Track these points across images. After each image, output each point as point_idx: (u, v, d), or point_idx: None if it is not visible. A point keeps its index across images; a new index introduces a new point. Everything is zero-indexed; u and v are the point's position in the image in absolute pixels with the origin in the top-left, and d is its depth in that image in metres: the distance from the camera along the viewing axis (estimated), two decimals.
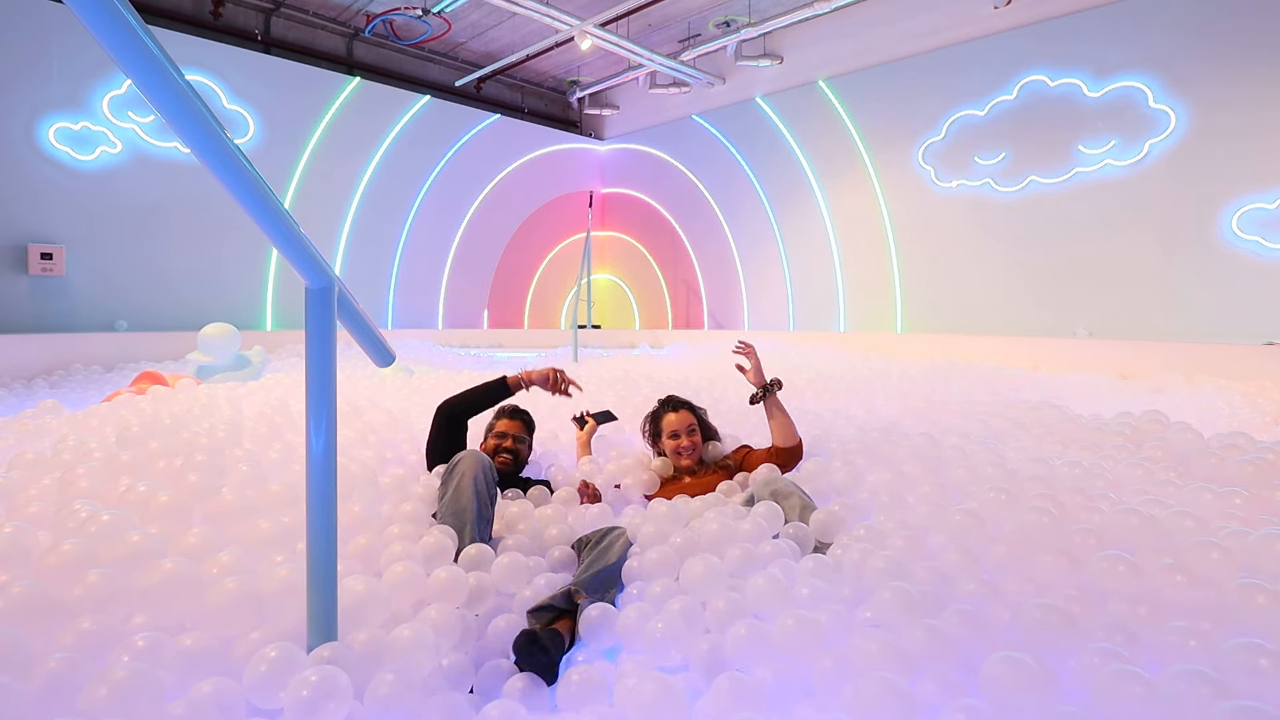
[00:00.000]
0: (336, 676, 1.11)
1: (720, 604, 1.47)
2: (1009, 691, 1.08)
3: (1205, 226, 6.47)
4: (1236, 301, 6.30)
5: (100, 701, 1.06)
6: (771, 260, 10.20)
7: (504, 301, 11.43)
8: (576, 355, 7.11)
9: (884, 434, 2.70)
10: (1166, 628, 1.25)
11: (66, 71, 7.07)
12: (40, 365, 6.10)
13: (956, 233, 8.18)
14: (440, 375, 4.61)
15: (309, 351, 1.14)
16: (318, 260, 1.10)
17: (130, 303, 7.53)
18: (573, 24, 8.31)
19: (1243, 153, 6.25)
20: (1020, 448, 2.58)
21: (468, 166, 10.61)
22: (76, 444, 2.29)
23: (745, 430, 3.17)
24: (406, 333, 9.42)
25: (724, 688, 1.17)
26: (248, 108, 8.32)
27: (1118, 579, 1.41)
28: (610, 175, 12.41)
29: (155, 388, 3.79)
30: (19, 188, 6.91)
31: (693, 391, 4.24)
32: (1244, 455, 2.19)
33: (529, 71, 11.20)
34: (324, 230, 9.11)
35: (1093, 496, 1.94)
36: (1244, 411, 3.96)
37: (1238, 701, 1.02)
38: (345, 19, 9.33)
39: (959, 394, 4.45)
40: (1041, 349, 6.93)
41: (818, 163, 9.49)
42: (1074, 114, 7.16)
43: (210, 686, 1.12)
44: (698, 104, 10.79)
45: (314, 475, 1.11)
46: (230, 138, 0.83)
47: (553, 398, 2.61)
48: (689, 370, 6.26)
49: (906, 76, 8.45)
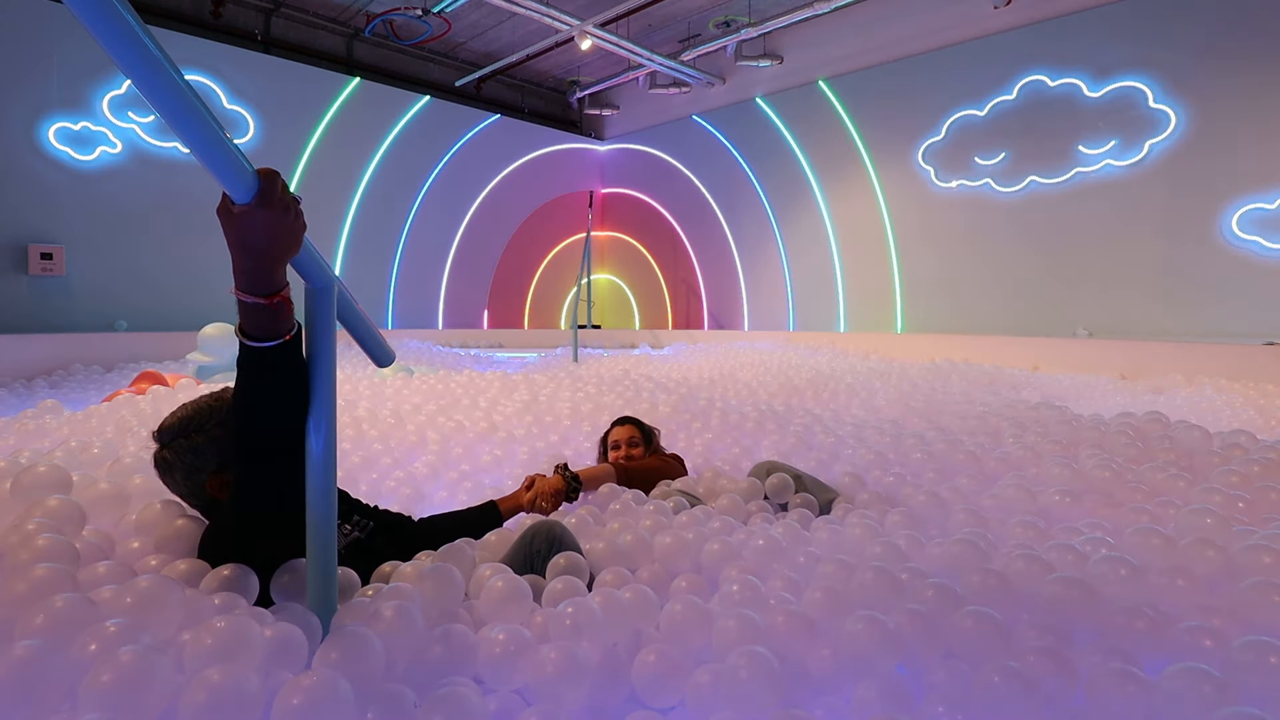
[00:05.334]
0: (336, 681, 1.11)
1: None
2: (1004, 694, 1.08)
3: (1205, 226, 6.47)
4: (1236, 301, 6.30)
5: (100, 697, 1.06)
6: (771, 260, 10.20)
7: (504, 301, 11.43)
8: (576, 355, 7.10)
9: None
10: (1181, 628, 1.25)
11: (66, 71, 7.07)
12: (40, 365, 6.10)
13: (956, 233, 8.18)
14: (440, 375, 4.61)
15: (309, 351, 1.14)
16: (317, 260, 1.10)
17: (130, 303, 7.54)
18: (573, 24, 8.31)
19: (1243, 153, 6.25)
20: (1023, 446, 2.58)
21: (468, 166, 10.61)
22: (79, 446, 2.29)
23: (743, 432, 3.17)
24: (406, 333, 9.42)
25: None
26: (248, 108, 8.33)
27: (1118, 582, 1.41)
28: (610, 175, 12.41)
29: (155, 388, 3.79)
30: (19, 188, 6.91)
31: (692, 391, 4.24)
32: (1247, 455, 2.19)
33: (529, 71, 11.20)
34: (324, 230, 9.11)
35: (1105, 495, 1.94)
36: (1246, 412, 3.95)
37: (1236, 707, 1.02)
38: (345, 19, 9.33)
39: (959, 394, 4.45)
40: (1041, 349, 6.94)
41: (818, 163, 9.49)
42: (1074, 114, 7.16)
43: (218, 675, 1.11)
44: (698, 104, 10.78)
45: (314, 475, 1.10)
46: (231, 139, 0.83)
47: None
48: (689, 370, 6.26)
49: (906, 76, 8.45)
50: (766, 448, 2.88)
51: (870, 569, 1.37)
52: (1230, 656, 1.15)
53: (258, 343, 1.05)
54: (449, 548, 1.51)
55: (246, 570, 1.21)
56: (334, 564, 1.15)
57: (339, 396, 3.06)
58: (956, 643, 1.21)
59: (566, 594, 1.30)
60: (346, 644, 1.03)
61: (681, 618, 1.25)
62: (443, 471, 2.57)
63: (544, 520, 1.62)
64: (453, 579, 1.30)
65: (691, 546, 1.62)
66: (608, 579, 1.41)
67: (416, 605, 1.18)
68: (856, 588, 1.36)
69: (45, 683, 0.89)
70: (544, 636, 1.21)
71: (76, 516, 1.38)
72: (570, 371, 5.61)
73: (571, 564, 1.43)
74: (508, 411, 3.36)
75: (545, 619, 1.25)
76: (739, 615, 1.22)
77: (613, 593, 1.28)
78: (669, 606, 1.28)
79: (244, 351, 1.08)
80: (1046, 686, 1.08)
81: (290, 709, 0.90)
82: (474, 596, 1.35)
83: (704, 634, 1.24)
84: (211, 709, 0.87)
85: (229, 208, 0.91)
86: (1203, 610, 1.33)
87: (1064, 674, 1.11)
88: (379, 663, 1.04)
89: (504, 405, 3.48)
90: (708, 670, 1.12)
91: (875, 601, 1.31)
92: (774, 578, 1.47)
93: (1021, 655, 1.15)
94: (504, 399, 3.62)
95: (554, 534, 1.55)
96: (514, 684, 1.13)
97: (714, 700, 1.09)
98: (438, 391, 3.88)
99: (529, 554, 1.52)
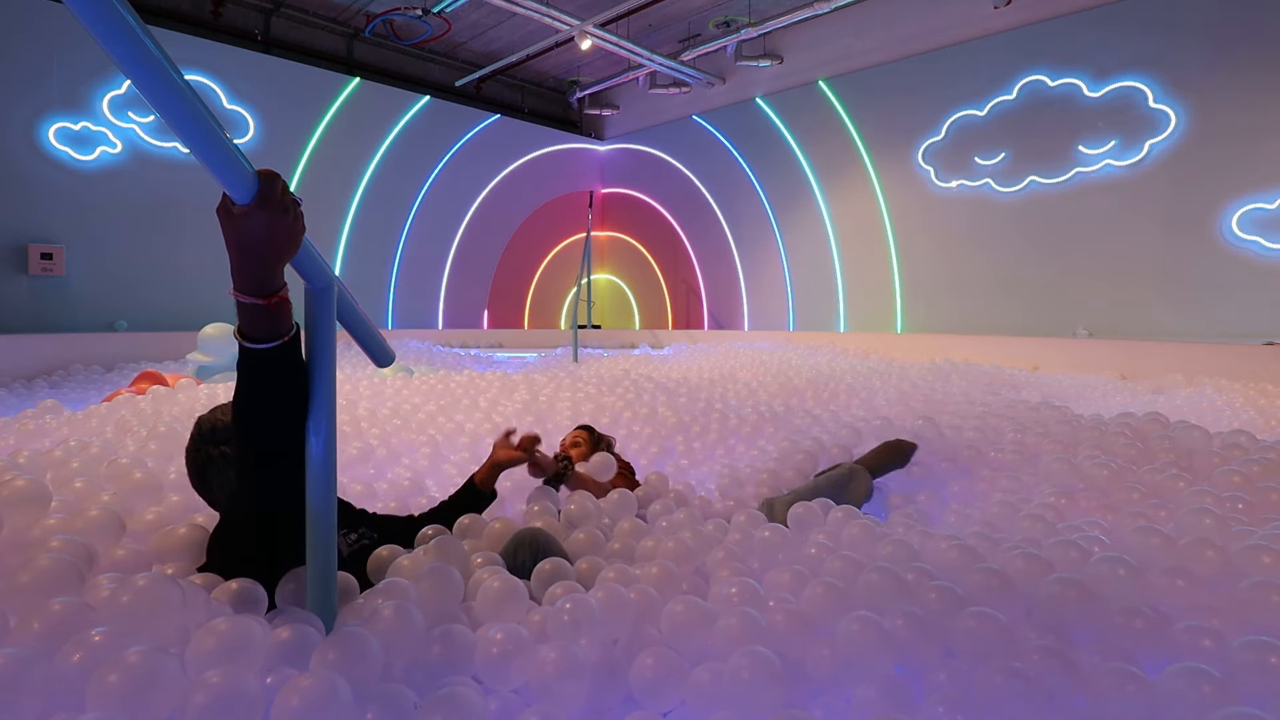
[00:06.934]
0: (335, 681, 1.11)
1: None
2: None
3: (1205, 226, 6.46)
4: (1236, 301, 6.30)
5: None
6: (771, 260, 10.20)
7: (504, 301, 11.42)
8: (576, 355, 7.10)
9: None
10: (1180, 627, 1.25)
11: (66, 71, 7.07)
12: (40, 365, 6.09)
13: (956, 233, 8.17)
14: (440, 375, 4.61)
15: (309, 351, 1.14)
16: (317, 260, 1.10)
17: (130, 303, 7.54)
18: (573, 24, 8.31)
19: (1243, 153, 6.25)
20: (1022, 446, 2.58)
21: (468, 166, 10.61)
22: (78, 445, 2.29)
23: (741, 437, 3.17)
24: (406, 333, 9.42)
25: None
26: (248, 108, 8.33)
27: (1117, 583, 1.41)
28: (610, 175, 12.41)
29: (155, 388, 3.79)
30: (19, 188, 6.91)
31: (691, 391, 4.24)
32: (1247, 455, 2.18)
33: (529, 71, 11.20)
34: (324, 230, 9.11)
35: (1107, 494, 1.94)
36: (1246, 412, 3.95)
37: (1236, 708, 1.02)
38: (345, 19, 9.33)
39: (959, 394, 4.45)
40: (1041, 349, 6.93)
41: (818, 163, 9.49)
42: (1074, 114, 7.16)
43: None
44: (698, 104, 10.78)
45: (314, 475, 1.10)
46: (231, 139, 0.83)
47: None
48: (688, 370, 6.26)
49: (906, 76, 8.44)
50: (767, 447, 2.88)
51: (875, 570, 1.37)
52: (1230, 656, 1.15)
53: (257, 344, 1.05)
54: (442, 541, 1.50)
55: (255, 584, 1.21)
56: (334, 565, 1.15)
57: (339, 396, 3.06)
58: (957, 643, 1.21)
59: (564, 594, 1.30)
60: (345, 644, 1.02)
61: (682, 618, 1.25)
62: (442, 468, 2.58)
63: (527, 529, 1.63)
64: (451, 579, 1.30)
65: (692, 548, 1.62)
66: (610, 576, 1.41)
67: (415, 605, 1.18)
68: (860, 588, 1.36)
69: (44, 682, 0.89)
70: (542, 635, 1.22)
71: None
72: (570, 371, 5.61)
73: (557, 569, 1.44)
74: (508, 412, 3.36)
75: (543, 617, 1.25)
76: (740, 614, 1.22)
77: (613, 588, 1.28)
78: (669, 606, 1.28)
79: (243, 353, 1.07)
80: (1047, 686, 1.08)
81: (289, 709, 0.90)
82: (470, 597, 1.35)
83: (704, 634, 1.23)
84: (212, 709, 0.87)
85: (229, 208, 0.91)
86: (1202, 610, 1.33)
87: (1064, 674, 1.11)
88: (378, 663, 1.04)
89: (504, 405, 3.48)
90: (708, 670, 1.12)
91: (876, 602, 1.31)
92: (774, 577, 1.47)
93: (1022, 655, 1.15)
94: (504, 399, 3.62)
95: (538, 542, 1.57)
96: (513, 683, 1.13)
97: (714, 700, 1.09)
98: (438, 391, 3.88)
99: (514, 565, 1.52)
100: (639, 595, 1.31)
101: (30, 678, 0.87)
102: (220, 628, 0.99)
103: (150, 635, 1.01)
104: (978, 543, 1.61)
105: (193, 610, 1.08)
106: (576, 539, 1.68)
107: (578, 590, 1.31)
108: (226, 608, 1.13)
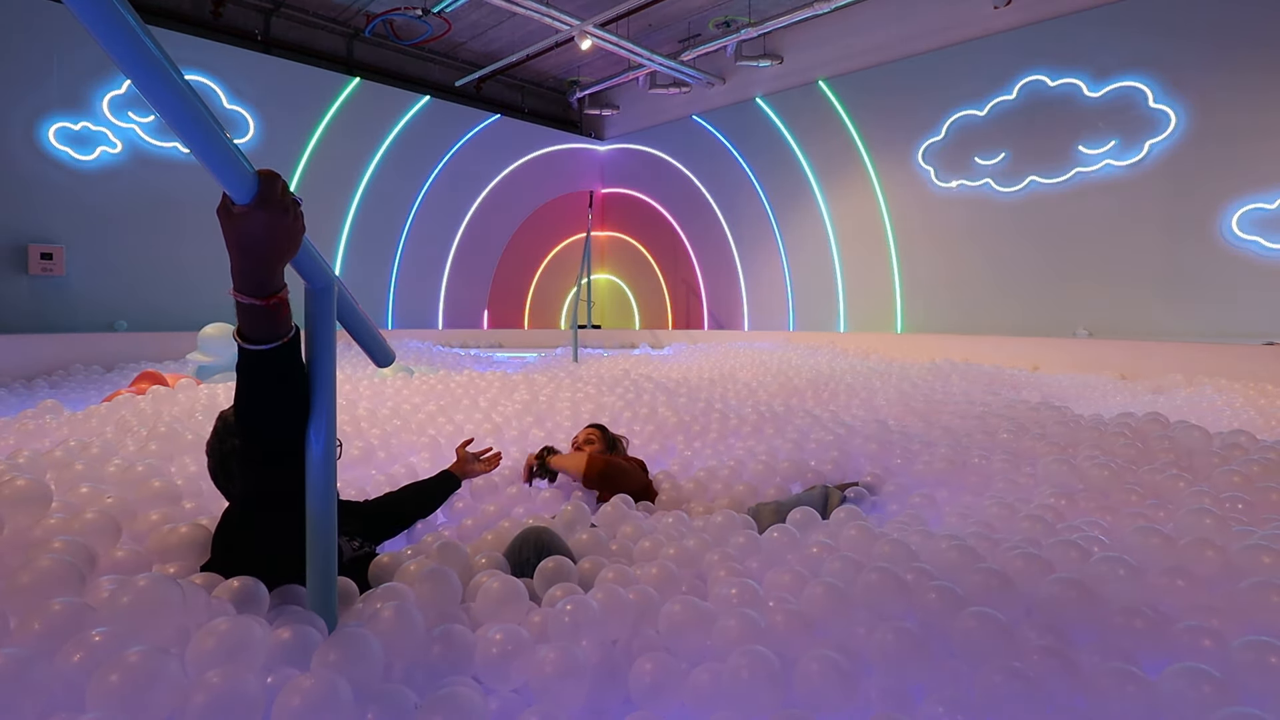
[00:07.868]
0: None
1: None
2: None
3: (1205, 226, 6.46)
4: (1236, 301, 6.30)
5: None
6: (771, 260, 10.20)
7: (504, 301, 11.42)
8: (576, 355, 7.10)
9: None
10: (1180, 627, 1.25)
11: (66, 71, 7.07)
12: (40, 365, 6.09)
13: (956, 233, 8.17)
14: (440, 375, 4.61)
15: (309, 351, 1.14)
16: (317, 260, 1.09)
17: (130, 303, 7.54)
18: (573, 24, 8.31)
19: (1243, 153, 6.25)
20: (1022, 446, 2.58)
21: (468, 166, 10.61)
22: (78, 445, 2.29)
23: (740, 437, 3.17)
24: (406, 333, 9.41)
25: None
26: (248, 108, 8.32)
27: (1118, 583, 1.41)
28: (610, 175, 12.41)
29: (155, 388, 3.79)
30: (19, 188, 6.90)
31: (691, 391, 4.24)
32: (1247, 455, 2.18)
33: (529, 71, 11.20)
34: (324, 230, 9.11)
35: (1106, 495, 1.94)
36: (1246, 412, 3.95)
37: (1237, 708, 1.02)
38: (345, 19, 9.33)
39: (959, 394, 4.45)
40: (1041, 349, 6.93)
41: (818, 163, 9.49)
42: (1074, 114, 7.16)
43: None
44: (697, 104, 10.78)
45: (313, 476, 1.10)
46: (231, 139, 0.83)
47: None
48: (688, 370, 6.26)
49: (906, 76, 8.44)
50: (767, 448, 2.88)
51: (875, 570, 1.37)
52: (1230, 656, 1.15)
53: (256, 345, 1.04)
54: (444, 545, 1.51)
55: (257, 583, 1.21)
56: (334, 565, 1.15)
57: (339, 396, 3.06)
58: (957, 643, 1.21)
59: (564, 595, 1.30)
60: (346, 645, 1.02)
61: (681, 618, 1.25)
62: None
63: (532, 527, 1.65)
64: (450, 580, 1.31)
65: (692, 549, 1.62)
66: (609, 576, 1.41)
67: (415, 606, 1.18)
68: (860, 588, 1.36)
69: (44, 682, 0.89)
70: (542, 636, 1.22)
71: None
72: (570, 371, 5.61)
73: (559, 568, 1.45)
74: (507, 412, 3.36)
75: (544, 618, 1.25)
76: (740, 615, 1.22)
77: (613, 589, 1.28)
78: (668, 607, 1.28)
79: (243, 355, 1.06)
80: (1047, 686, 1.08)
81: (290, 709, 0.90)
82: (470, 599, 1.36)
83: (704, 634, 1.23)
84: (212, 710, 0.87)
85: (229, 208, 0.91)
86: (1202, 610, 1.33)
87: (1064, 674, 1.11)
88: (378, 663, 1.04)
89: (504, 406, 3.48)
90: (707, 670, 1.12)
91: (877, 602, 1.31)
92: (774, 577, 1.47)
93: (1022, 655, 1.15)
94: (504, 399, 3.62)
95: (542, 540, 1.58)
96: (513, 684, 1.13)
97: (713, 700, 1.09)
98: (438, 391, 3.88)
99: (518, 562, 1.55)
100: (638, 596, 1.31)
101: (30, 678, 0.87)
102: (220, 628, 0.99)
103: (150, 635, 1.01)
104: (977, 543, 1.61)
105: (193, 610, 1.08)
106: (579, 539, 1.69)
107: (577, 591, 1.31)
108: (227, 606, 1.13)
